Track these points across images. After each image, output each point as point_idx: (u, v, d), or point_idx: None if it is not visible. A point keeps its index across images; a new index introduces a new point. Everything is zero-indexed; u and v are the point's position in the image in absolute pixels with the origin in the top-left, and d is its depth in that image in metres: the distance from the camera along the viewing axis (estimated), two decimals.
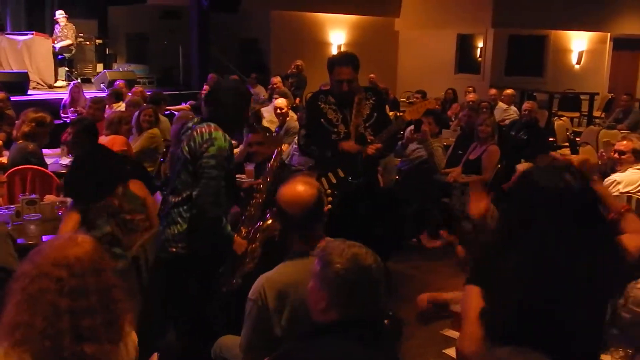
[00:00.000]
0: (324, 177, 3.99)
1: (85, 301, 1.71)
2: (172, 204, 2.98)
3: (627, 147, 4.69)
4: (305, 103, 4.65)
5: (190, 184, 2.92)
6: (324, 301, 1.87)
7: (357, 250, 1.90)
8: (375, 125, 3.99)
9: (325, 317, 1.86)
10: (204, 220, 2.90)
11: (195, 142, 2.90)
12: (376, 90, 4.37)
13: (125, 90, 8.64)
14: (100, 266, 1.78)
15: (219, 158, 2.88)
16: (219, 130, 2.92)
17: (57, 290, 1.69)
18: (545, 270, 1.73)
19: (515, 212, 1.89)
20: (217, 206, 2.89)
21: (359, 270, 1.85)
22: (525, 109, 8.02)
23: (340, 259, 1.86)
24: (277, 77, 10.42)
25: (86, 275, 1.73)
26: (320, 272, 1.90)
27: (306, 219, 2.37)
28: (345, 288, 1.84)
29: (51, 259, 1.72)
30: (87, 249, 1.77)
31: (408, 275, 5.16)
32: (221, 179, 2.90)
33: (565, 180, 1.80)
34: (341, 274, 1.84)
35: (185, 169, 2.94)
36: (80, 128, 4.46)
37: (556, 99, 13.24)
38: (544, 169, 1.91)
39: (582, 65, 14.83)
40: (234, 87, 3.13)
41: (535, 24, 13.91)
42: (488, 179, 5.80)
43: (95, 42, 12.80)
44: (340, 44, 15.17)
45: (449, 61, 14.84)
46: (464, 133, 6.79)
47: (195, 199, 2.87)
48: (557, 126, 9.52)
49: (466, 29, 14.56)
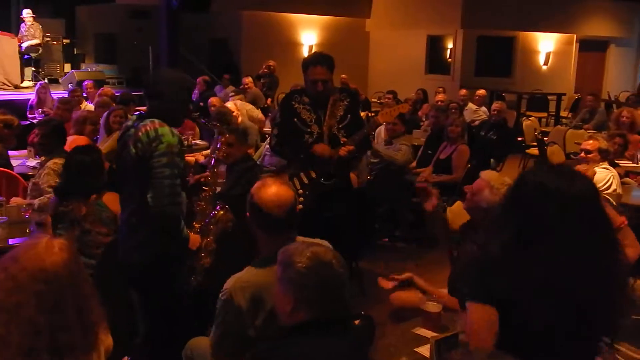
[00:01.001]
0: (295, 177, 3.98)
1: (63, 316, 1.65)
2: (131, 210, 2.87)
3: (593, 146, 4.82)
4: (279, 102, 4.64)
5: (144, 186, 2.76)
6: (290, 303, 1.87)
7: (316, 249, 1.92)
8: (348, 127, 3.98)
9: (294, 319, 1.87)
10: (163, 222, 2.79)
11: (142, 143, 2.74)
12: (350, 92, 4.38)
13: (93, 90, 8.52)
14: (78, 277, 1.72)
15: (170, 155, 2.74)
16: (165, 126, 2.78)
17: (36, 305, 1.62)
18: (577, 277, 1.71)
19: (525, 218, 1.79)
20: (175, 205, 2.77)
21: (321, 267, 1.86)
22: (495, 109, 8.12)
23: (301, 258, 1.87)
24: (248, 78, 10.39)
25: (65, 288, 1.67)
26: (283, 274, 1.90)
27: (285, 220, 2.36)
28: (309, 286, 1.85)
29: (29, 271, 1.64)
30: (65, 257, 1.70)
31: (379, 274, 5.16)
32: (175, 177, 2.76)
33: (577, 183, 1.77)
34: (304, 273, 1.85)
35: (136, 171, 2.80)
36: (48, 129, 4.38)
37: (524, 100, 13.44)
38: (548, 170, 1.86)
39: (549, 66, 15.08)
40: (175, 78, 2.95)
41: (504, 25, 14.11)
42: (458, 178, 5.87)
43: (63, 41, 12.59)
44: (311, 45, 15.19)
45: (419, 62, 14.95)
46: (433, 133, 6.85)
47: (151, 202, 2.72)
48: (525, 126, 9.65)
49: (436, 30, 14.67)
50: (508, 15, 13.80)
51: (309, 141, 3.93)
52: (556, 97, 13.56)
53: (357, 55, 15.34)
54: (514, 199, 1.85)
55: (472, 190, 2.84)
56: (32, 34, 11.11)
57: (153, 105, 2.90)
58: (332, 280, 1.88)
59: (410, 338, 2.41)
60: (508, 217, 1.84)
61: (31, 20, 11.11)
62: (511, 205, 1.85)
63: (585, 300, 1.74)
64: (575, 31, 15.01)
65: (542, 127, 10.65)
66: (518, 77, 14.55)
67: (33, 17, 11.15)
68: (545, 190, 1.76)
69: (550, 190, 1.76)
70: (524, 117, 11.25)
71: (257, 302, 2.23)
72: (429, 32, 14.79)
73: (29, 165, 5.21)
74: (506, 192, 1.93)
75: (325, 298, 1.86)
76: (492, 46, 14.32)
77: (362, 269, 4.88)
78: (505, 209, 1.89)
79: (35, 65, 11.47)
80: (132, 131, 2.83)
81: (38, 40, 11.18)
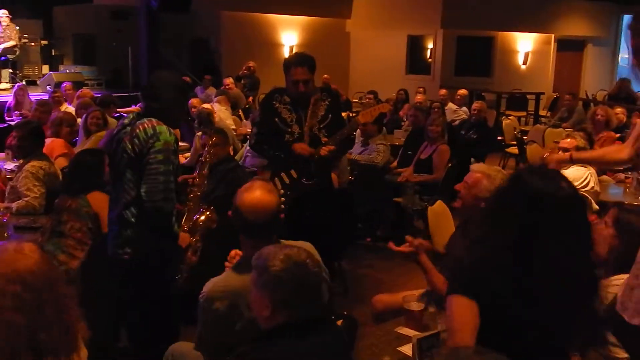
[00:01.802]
0: (277, 177, 3.98)
1: (41, 315, 1.65)
2: (123, 206, 2.88)
3: (571, 144, 4.87)
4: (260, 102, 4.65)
5: (137, 183, 2.82)
6: (268, 307, 1.87)
7: (289, 251, 1.93)
8: (329, 127, 3.99)
9: (273, 322, 1.87)
10: (156, 218, 2.82)
11: (139, 139, 2.80)
12: (332, 92, 4.38)
13: (72, 92, 8.42)
14: (53, 277, 1.73)
15: (166, 152, 2.80)
16: (162, 125, 2.84)
17: (13, 307, 1.62)
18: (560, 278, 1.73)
19: (514, 219, 1.81)
20: (168, 201, 2.81)
21: (295, 268, 1.87)
22: (475, 108, 8.17)
23: (275, 261, 1.88)
24: (229, 79, 10.36)
25: (41, 289, 1.67)
26: (258, 279, 1.91)
27: (267, 226, 2.35)
28: (286, 288, 1.86)
29: (2, 274, 1.65)
30: (36, 259, 1.71)
31: (362, 274, 5.19)
32: (170, 174, 2.82)
33: (562, 186, 1.79)
34: (280, 275, 1.86)
35: (131, 168, 2.84)
36: (25, 132, 4.31)
37: (504, 99, 13.54)
38: (538, 173, 1.87)
39: (528, 65, 15.22)
40: (173, 80, 3.03)
41: (483, 25, 14.21)
42: (439, 178, 5.91)
43: (41, 43, 12.42)
44: (292, 45, 15.17)
45: (400, 62, 15.01)
46: (412, 133, 6.87)
47: (145, 197, 2.77)
48: (505, 125, 9.72)
49: (416, 30, 14.74)
50: (487, 15, 13.91)
51: (289, 141, 3.93)
52: (535, 96, 13.69)
53: (337, 55, 15.35)
54: (505, 203, 1.85)
55: (468, 184, 2.82)
56: (9, 35, 10.94)
57: (151, 105, 2.94)
58: (307, 281, 1.88)
59: (392, 337, 2.41)
60: (498, 216, 1.84)
61: (7, 21, 10.94)
62: (502, 208, 1.86)
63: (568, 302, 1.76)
64: (553, 31, 15.17)
65: (521, 126, 10.74)
66: (497, 76, 14.66)
67: (9, 18, 10.98)
68: (535, 196, 1.78)
69: (540, 195, 1.77)
70: (504, 116, 11.33)
71: (235, 308, 2.22)
72: (409, 32, 14.85)
73: (7, 168, 5.13)
74: (496, 194, 1.93)
75: (302, 299, 1.87)
76: (471, 46, 14.42)
77: (344, 269, 4.89)
78: (496, 211, 1.90)
79: (13, 67, 11.29)
80: (128, 129, 2.87)
81: (15, 42, 11.02)
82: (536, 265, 1.74)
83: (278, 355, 1.81)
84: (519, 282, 1.74)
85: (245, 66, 11.88)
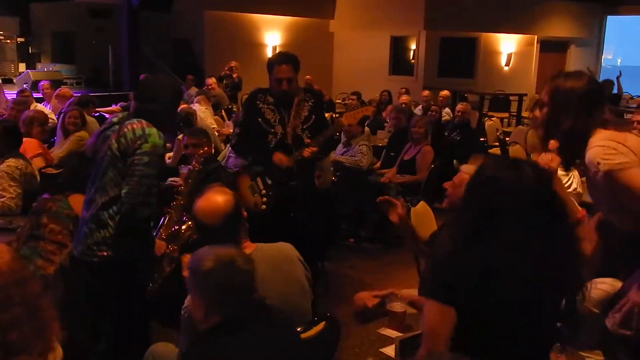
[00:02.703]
0: (259, 178, 3.97)
1: (10, 314, 1.65)
2: (100, 205, 2.81)
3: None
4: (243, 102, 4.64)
5: (119, 183, 2.75)
6: (202, 308, 1.89)
7: (219, 250, 1.95)
8: (312, 128, 3.98)
9: (209, 324, 1.88)
10: (130, 220, 2.75)
11: (126, 139, 2.73)
12: (315, 93, 4.38)
13: (50, 91, 8.33)
14: (23, 276, 1.72)
15: (153, 156, 2.74)
16: (152, 127, 2.78)
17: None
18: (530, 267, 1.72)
19: (479, 212, 1.80)
20: (146, 206, 2.75)
21: (225, 267, 1.89)
22: (459, 110, 8.23)
23: (205, 262, 1.90)
24: (212, 79, 10.33)
25: (9, 287, 1.67)
26: (190, 281, 1.93)
27: (225, 228, 2.36)
28: (217, 287, 1.87)
29: None
30: (7, 259, 1.70)
31: (344, 275, 5.20)
32: (154, 178, 2.76)
33: (522, 170, 1.78)
34: (208, 276, 1.88)
35: (114, 167, 2.78)
36: (1, 131, 4.26)
37: (487, 100, 13.63)
38: (497, 162, 1.87)
39: (511, 66, 15.35)
40: (168, 83, 3.00)
41: (466, 26, 14.31)
42: (422, 179, 5.94)
43: (17, 40, 12.29)
44: (275, 45, 15.17)
45: (383, 63, 15.07)
46: (395, 134, 6.90)
47: (124, 197, 2.71)
48: (487, 126, 9.77)
49: (399, 31, 14.81)
50: (470, 16, 14.01)
51: (272, 141, 3.93)
52: (518, 97, 13.78)
53: (321, 56, 15.37)
54: (469, 196, 1.85)
55: (454, 183, 2.84)
56: None
57: (143, 107, 2.89)
58: (236, 279, 1.90)
59: (375, 338, 2.42)
60: (465, 213, 1.84)
61: None
62: (467, 201, 1.86)
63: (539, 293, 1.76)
64: (536, 32, 15.32)
65: (504, 128, 10.80)
66: (480, 77, 14.77)
67: None
68: (494, 183, 1.77)
69: (500, 181, 1.76)
70: (486, 117, 11.41)
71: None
72: (392, 33, 14.92)
73: None
74: (466, 187, 1.93)
75: (231, 297, 1.88)
76: (454, 47, 14.52)
77: (327, 270, 4.89)
78: (462, 205, 1.90)
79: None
80: (116, 127, 2.82)
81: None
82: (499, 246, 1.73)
83: (212, 355, 1.81)
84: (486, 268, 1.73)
85: (227, 66, 11.85)
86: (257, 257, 2.47)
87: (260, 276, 2.39)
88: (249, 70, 12.17)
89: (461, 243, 1.78)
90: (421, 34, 14.25)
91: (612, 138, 2.22)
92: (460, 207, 1.91)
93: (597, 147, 2.21)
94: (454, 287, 1.75)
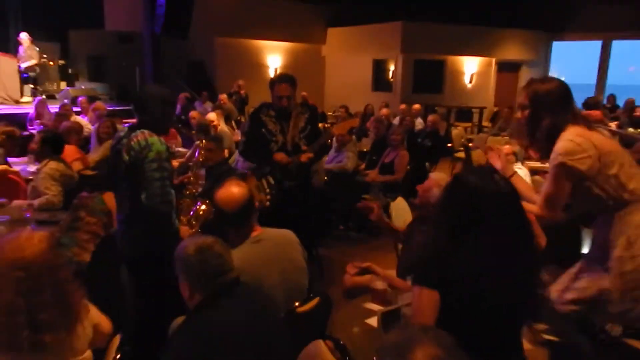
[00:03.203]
0: (264, 179, 3.97)
1: (40, 298, 1.63)
2: (128, 210, 2.82)
3: (509, 150, 4.95)
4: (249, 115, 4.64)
5: (136, 189, 2.73)
6: (188, 289, 1.90)
7: (201, 239, 1.95)
8: (308, 136, 3.98)
9: (194, 302, 1.89)
10: (156, 218, 2.75)
11: (134, 150, 2.71)
12: (310, 107, 4.37)
13: (87, 105, 8.29)
14: (55, 264, 1.70)
15: (159, 161, 2.71)
16: (154, 136, 2.75)
17: (15, 290, 1.60)
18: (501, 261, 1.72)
19: (459, 214, 1.78)
20: (166, 204, 2.75)
21: (203, 251, 1.89)
22: (430, 120, 8.25)
23: (188, 249, 1.91)
24: (223, 95, 10.30)
25: (42, 274, 1.64)
26: (177, 265, 1.93)
27: (241, 214, 2.38)
28: (197, 268, 1.88)
29: (10, 260, 1.62)
30: (43, 248, 1.68)
31: (335, 259, 5.20)
32: (165, 179, 2.73)
33: (495, 181, 1.77)
34: (190, 259, 1.89)
35: (129, 175, 2.76)
36: (45, 139, 4.24)
37: (453, 112, 13.65)
38: (475, 172, 1.85)
39: (473, 84, 15.39)
40: (158, 94, 2.88)
41: (436, 51, 14.36)
42: (400, 178, 5.96)
43: (58, 62, 12.19)
44: (276, 67, 15.14)
45: (367, 81, 15.08)
46: (376, 141, 6.90)
47: (145, 201, 2.69)
48: (454, 134, 9.77)
49: (380, 55, 14.82)
50: (439, 42, 14.07)
51: (274, 148, 3.93)
52: (479, 110, 13.85)
53: (314, 75, 15.38)
54: (449, 198, 1.84)
55: (423, 188, 2.86)
56: (30, 55, 10.71)
57: (140, 118, 2.85)
58: (212, 262, 1.89)
59: (361, 312, 2.42)
60: (445, 213, 1.83)
61: (28, 42, 10.70)
62: (447, 203, 1.85)
63: (509, 282, 1.76)
64: (494, 55, 15.37)
65: (467, 135, 10.81)
66: (447, 93, 14.80)
67: (30, 40, 10.75)
68: (473, 191, 1.77)
69: (477, 190, 1.76)
70: (453, 126, 11.42)
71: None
72: (374, 57, 14.93)
73: (29, 171, 5.03)
74: (443, 192, 1.92)
75: (208, 277, 1.87)
76: (426, 68, 14.53)
77: (321, 255, 4.89)
78: (442, 206, 1.88)
79: (34, 83, 11.05)
80: (124, 141, 2.78)
81: (35, 61, 10.79)
82: (480, 249, 1.73)
83: (203, 324, 1.80)
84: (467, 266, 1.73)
85: (235, 84, 11.81)
86: (265, 238, 2.49)
87: (267, 254, 2.41)
88: (254, 87, 12.15)
89: (445, 243, 1.77)
90: (398, 57, 14.26)
91: (580, 134, 2.23)
92: (441, 210, 1.87)
93: (566, 141, 2.22)
94: (438, 275, 1.74)
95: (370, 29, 14.45)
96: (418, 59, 14.37)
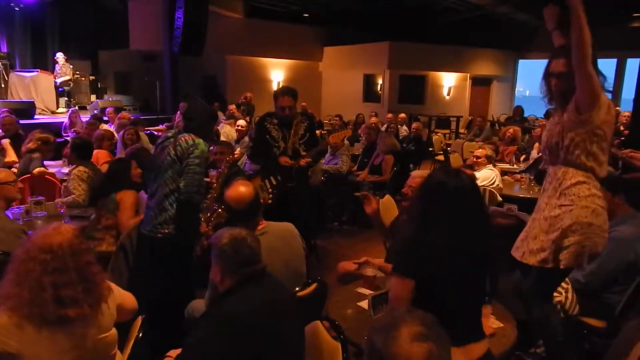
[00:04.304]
0: (267, 179, 3.96)
1: (65, 276, 1.67)
2: (163, 195, 2.83)
3: (482, 153, 4.95)
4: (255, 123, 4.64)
5: (176, 179, 2.80)
6: (219, 274, 1.87)
7: (233, 231, 1.92)
8: (307, 143, 3.97)
9: (224, 286, 1.86)
10: (189, 205, 2.78)
11: (182, 147, 2.79)
12: (309, 116, 4.37)
13: (113, 115, 8.26)
14: (79, 248, 1.73)
15: (202, 159, 2.80)
16: (199, 139, 2.85)
17: (42, 270, 1.65)
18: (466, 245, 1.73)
19: (429, 206, 1.80)
20: (199, 194, 2.81)
21: (236, 242, 1.86)
22: (413, 128, 8.29)
23: (222, 239, 1.88)
24: (232, 105, 10.27)
25: (66, 256, 1.68)
26: (213, 252, 1.91)
27: (248, 210, 2.37)
28: (229, 256, 1.85)
29: (39, 245, 1.68)
30: (68, 236, 1.72)
31: (330, 250, 5.20)
32: (202, 175, 2.82)
33: (461, 178, 1.80)
34: (224, 248, 1.86)
35: (172, 168, 2.81)
36: (77, 144, 4.22)
37: (433, 120, 13.67)
38: (444, 171, 1.87)
39: (450, 96, 15.40)
40: (203, 108, 3.04)
41: (418, 67, 14.36)
42: (387, 179, 5.95)
43: (89, 78, 12.17)
44: (279, 81, 15.13)
45: (358, 93, 15.07)
46: (367, 146, 6.91)
47: (183, 188, 2.75)
48: (434, 140, 9.79)
49: (370, 70, 14.82)
50: (421, 60, 14.07)
51: (276, 153, 3.92)
52: (456, 119, 13.85)
53: (312, 88, 15.37)
54: (421, 193, 1.86)
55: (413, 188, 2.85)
56: (64, 71, 10.69)
57: (188, 125, 2.93)
58: (244, 252, 1.86)
59: (353, 295, 2.42)
60: (418, 206, 1.85)
61: (63, 60, 10.68)
62: (419, 195, 1.87)
63: (473, 263, 1.77)
64: (469, 71, 15.38)
65: (446, 141, 10.82)
66: (428, 104, 14.80)
67: (65, 58, 10.74)
68: (440, 185, 1.79)
69: (443, 184, 1.79)
70: (433, 133, 11.43)
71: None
72: (364, 72, 14.93)
73: (63, 172, 5.01)
74: (417, 188, 1.93)
75: (240, 264, 1.84)
76: (410, 82, 14.54)
77: (318, 246, 4.89)
78: (416, 197, 1.91)
79: (68, 96, 11.02)
80: (172, 139, 2.88)
81: (69, 77, 10.77)
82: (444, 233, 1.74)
83: (231, 307, 1.79)
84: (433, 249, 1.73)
85: (243, 96, 11.79)
86: (269, 231, 2.48)
87: (271, 245, 2.40)
88: (260, 99, 12.14)
89: (417, 230, 1.78)
90: (386, 72, 14.26)
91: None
92: (414, 203, 1.89)
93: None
94: (413, 265, 1.75)
95: (361, 48, 14.47)
96: (403, 74, 14.38)
